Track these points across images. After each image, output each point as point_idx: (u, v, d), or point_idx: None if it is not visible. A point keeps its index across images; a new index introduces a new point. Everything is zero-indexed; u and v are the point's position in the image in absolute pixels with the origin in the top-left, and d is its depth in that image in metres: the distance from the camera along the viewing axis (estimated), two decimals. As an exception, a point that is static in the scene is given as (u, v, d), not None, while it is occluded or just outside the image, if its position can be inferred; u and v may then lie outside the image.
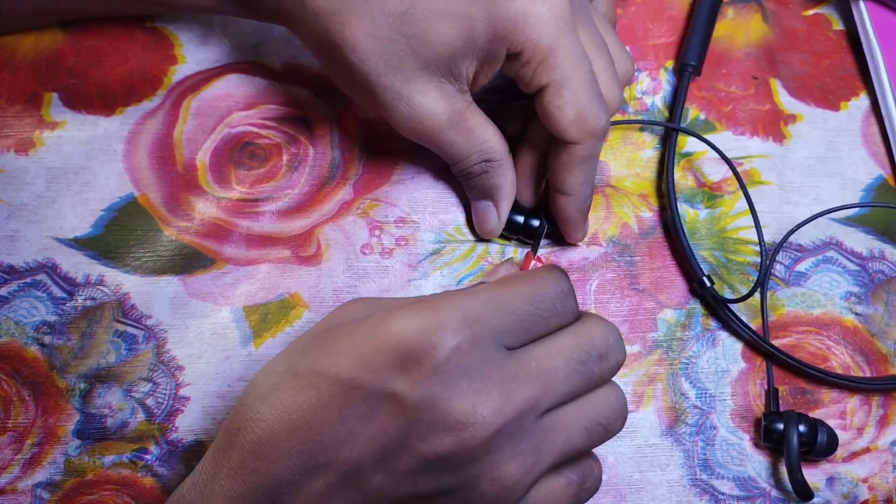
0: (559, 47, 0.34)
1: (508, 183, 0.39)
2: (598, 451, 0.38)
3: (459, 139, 0.37)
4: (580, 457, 0.31)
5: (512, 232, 0.41)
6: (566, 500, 0.30)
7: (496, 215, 0.40)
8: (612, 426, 0.31)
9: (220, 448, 0.29)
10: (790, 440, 0.37)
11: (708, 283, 0.40)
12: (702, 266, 0.42)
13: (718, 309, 0.41)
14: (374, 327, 0.28)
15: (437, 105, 0.35)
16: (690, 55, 0.46)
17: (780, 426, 0.38)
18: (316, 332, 0.30)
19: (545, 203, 0.41)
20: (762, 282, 0.41)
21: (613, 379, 0.32)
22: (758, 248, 0.43)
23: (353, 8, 0.33)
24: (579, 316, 0.32)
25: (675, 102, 0.45)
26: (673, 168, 0.43)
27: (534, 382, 0.28)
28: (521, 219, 0.41)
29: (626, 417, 0.32)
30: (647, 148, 0.45)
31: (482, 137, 0.37)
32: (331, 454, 0.27)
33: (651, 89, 0.46)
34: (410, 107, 0.35)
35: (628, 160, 0.44)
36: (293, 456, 0.27)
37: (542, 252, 0.42)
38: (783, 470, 0.39)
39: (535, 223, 0.41)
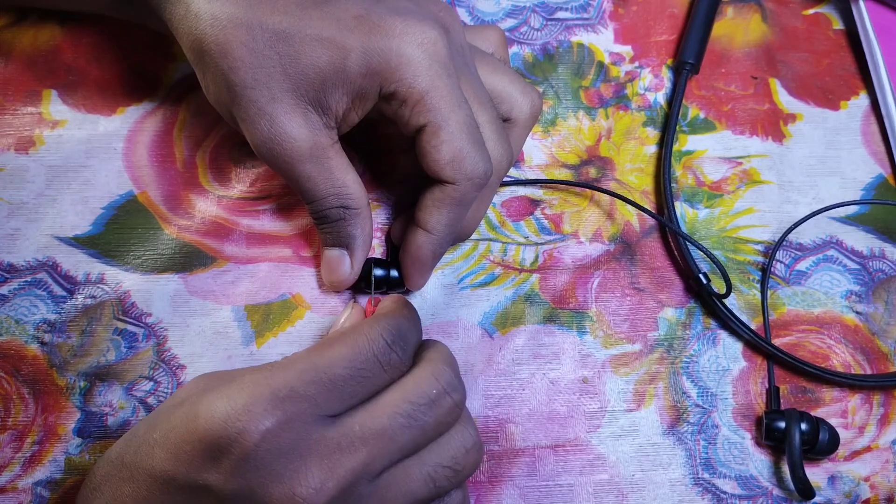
0: (434, 89, 0.33)
1: (366, 234, 0.38)
2: (600, 450, 0.39)
3: (318, 175, 0.35)
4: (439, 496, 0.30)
5: (367, 283, 0.39)
6: None
7: (349, 265, 0.38)
8: (461, 466, 0.30)
9: None
10: (792, 438, 0.37)
11: (704, 280, 0.40)
12: (702, 265, 0.42)
13: (716, 307, 0.41)
14: (185, 415, 0.27)
15: (299, 131, 0.34)
16: (688, 53, 0.46)
17: (782, 424, 0.38)
18: (152, 415, 0.30)
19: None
20: (763, 281, 0.42)
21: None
22: (758, 248, 0.43)
23: (233, 17, 0.33)
24: (414, 362, 0.31)
25: (673, 100, 0.45)
26: (669, 166, 0.43)
27: (359, 449, 0.28)
28: (379, 272, 0.39)
29: (481, 451, 0.31)
30: (650, 143, 0.45)
31: (342, 180, 0.36)
32: None
33: (653, 86, 0.46)
34: (272, 126, 0.34)
35: (633, 155, 0.44)
36: None
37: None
38: (785, 469, 0.39)
39: (396, 274, 0.39)
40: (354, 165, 0.37)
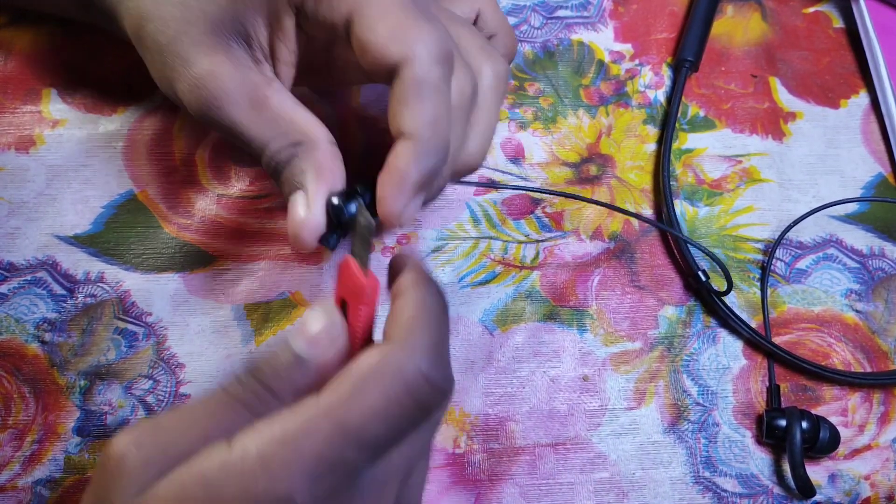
0: None
1: (320, 166, 0.30)
2: (600, 448, 0.39)
3: (257, 118, 0.30)
4: None
5: (332, 227, 0.31)
6: None
7: (304, 203, 0.30)
8: None
9: None
10: (793, 437, 0.37)
11: (703, 278, 0.40)
12: (701, 263, 0.42)
13: (716, 305, 0.41)
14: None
15: (221, 67, 0.30)
16: (687, 51, 0.46)
17: (783, 423, 0.38)
18: None
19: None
20: (763, 279, 0.42)
21: None
22: (758, 246, 0.43)
23: None
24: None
25: (672, 98, 0.45)
26: (668, 164, 0.43)
27: (394, 483, 0.25)
28: (337, 200, 0.30)
29: None
30: (650, 141, 0.45)
31: (289, 118, 0.30)
32: None
33: (653, 84, 0.46)
34: (191, 68, 0.30)
35: (633, 152, 0.44)
36: None
37: None
38: (785, 467, 0.39)
39: (352, 207, 0.30)
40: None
